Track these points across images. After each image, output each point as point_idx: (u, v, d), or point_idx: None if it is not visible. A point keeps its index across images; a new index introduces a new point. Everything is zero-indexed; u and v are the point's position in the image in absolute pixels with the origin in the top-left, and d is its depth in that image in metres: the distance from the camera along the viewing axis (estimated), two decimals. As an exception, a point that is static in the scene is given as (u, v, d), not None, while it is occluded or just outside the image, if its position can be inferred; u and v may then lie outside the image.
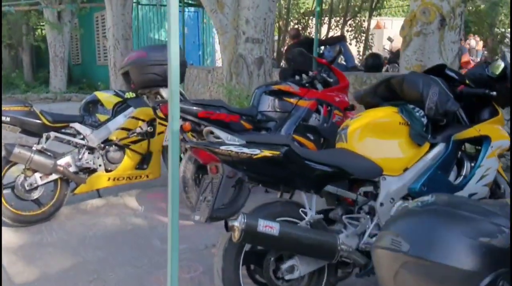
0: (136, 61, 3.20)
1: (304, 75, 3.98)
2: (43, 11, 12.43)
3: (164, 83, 3.30)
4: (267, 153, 1.89)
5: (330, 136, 3.61)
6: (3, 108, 3.54)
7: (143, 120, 4.05)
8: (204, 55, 13.66)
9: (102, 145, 3.90)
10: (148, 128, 4.01)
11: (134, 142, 3.98)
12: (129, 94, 4.13)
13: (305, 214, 2.09)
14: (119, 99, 4.05)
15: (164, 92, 3.28)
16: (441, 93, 2.35)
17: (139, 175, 4.04)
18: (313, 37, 8.66)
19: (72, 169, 3.77)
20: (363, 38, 13.03)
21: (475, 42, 13.44)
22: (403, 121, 2.32)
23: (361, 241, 2.19)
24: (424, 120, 2.36)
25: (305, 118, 3.69)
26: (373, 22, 14.21)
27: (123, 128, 3.95)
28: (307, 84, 3.85)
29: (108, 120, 3.96)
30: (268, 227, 1.89)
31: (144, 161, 4.06)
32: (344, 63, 6.68)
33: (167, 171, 3.98)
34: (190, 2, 11.93)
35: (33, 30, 15.38)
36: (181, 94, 3.59)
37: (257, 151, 1.88)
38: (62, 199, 3.72)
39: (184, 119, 3.36)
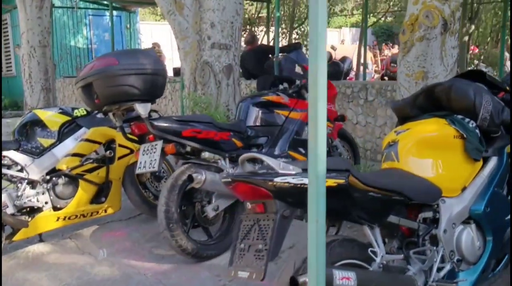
0: (104, 70, 2.49)
1: (285, 84, 3.55)
2: None
3: (140, 96, 2.64)
4: (330, 182, 1.48)
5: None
6: None
7: (98, 143, 3.31)
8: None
9: (48, 177, 3.10)
10: (107, 152, 3.27)
11: (89, 170, 3.22)
12: (79, 112, 3.36)
13: (374, 253, 1.73)
14: (66, 118, 3.27)
15: (140, 107, 2.61)
16: (494, 102, 2.08)
17: (95, 210, 3.27)
18: (266, 44, 8.27)
19: (9, 211, 2.92)
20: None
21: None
22: (457, 135, 2.02)
23: (429, 278, 1.89)
24: (478, 132, 2.07)
25: (298, 132, 3.26)
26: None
27: (74, 154, 3.18)
28: (294, 94, 3.42)
29: (53, 145, 3.17)
30: (345, 278, 1.54)
31: (101, 192, 3.31)
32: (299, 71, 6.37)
33: (129, 202, 3.31)
34: (114, 5, 10.93)
35: None
36: (154, 111, 2.93)
37: None
38: (-3, 249, 2.86)
39: (165, 140, 2.73)
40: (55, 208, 3.10)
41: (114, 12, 12.36)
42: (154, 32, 15.48)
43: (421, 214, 1.93)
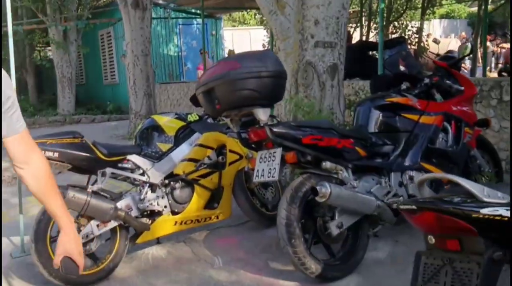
0: (226, 74, 2.48)
1: (407, 84, 3.25)
2: (48, 30, 11.73)
3: (261, 101, 2.59)
4: None
5: (460, 161, 2.91)
6: (50, 141, 2.84)
7: (211, 148, 3.34)
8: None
9: (166, 181, 3.18)
10: (220, 158, 3.29)
11: (203, 176, 3.26)
12: (192, 117, 3.43)
13: None
14: (181, 123, 3.35)
15: (260, 112, 2.56)
16: None
17: (208, 216, 3.30)
18: (365, 40, 7.86)
19: (133, 213, 3.04)
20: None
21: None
22: None
23: None
24: None
25: (432, 139, 2.94)
26: (414, 24, 13.18)
27: (189, 159, 3.23)
28: (421, 95, 3.13)
29: (171, 149, 3.25)
30: None
31: (213, 198, 3.33)
32: (403, 68, 6.01)
33: (237, 209, 3.26)
34: (198, 12, 11.30)
35: (35, 51, 14.64)
36: (272, 116, 2.88)
37: None
38: (122, 251, 2.99)
39: (285, 147, 2.65)
40: (173, 212, 3.17)
41: (200, 20, 12.84)
42: (234, 38, 15.78)
43: None
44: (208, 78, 2.63)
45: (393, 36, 11.25)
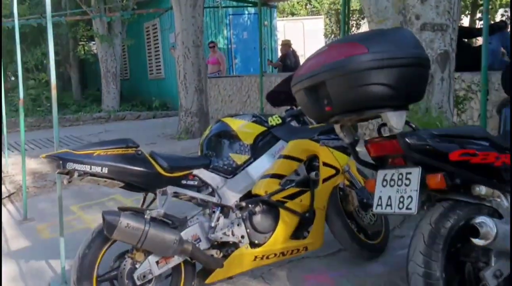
0: (347, 63, 1.69)
1: None
2: (92, 23, 11.33)
3: (393, 101, 1.79)
4: None
5: None
6: (97, 153, 2.17)
7: (299, 161, 2.57)
8: (265, 61, 12.20)
9: (243, 204, 2.44)
10: (313, 174, 2.51)
11: (291, 196, 2.50)
12: (273, 120, 2.66)
13: None
14: (261, 128, 2.60)
15: (393, 117, 1.76)
16: None
17: (296, 247, 2.54)
18: (463, 25, 6.93)
19: (202, 245, 2.33)
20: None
21: None
22: None
23: None
24: None
25: None
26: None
27: (273, 175, 2.48)
28: None
29: (247, 162, 2.52)
30: None
31: (303, 224, 2.57)
32: (507, 59, 5.04)
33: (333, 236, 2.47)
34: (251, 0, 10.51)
35: (79, 45, 14.39)
36: (407, 123, 2.04)
37: None
38: (188, 295, 2.29)
39: (425, 166, 1.84)
40: (252, 244, 2.43)
41: (252, 10, 12.04)
42: (286, 29, 14.89)
43: None
44: (314, 68, 1.85)
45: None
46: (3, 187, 5.57)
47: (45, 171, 5.93)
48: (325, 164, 2.58)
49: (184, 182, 2.40)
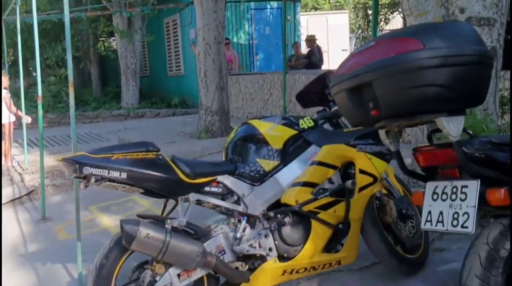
0: (400, 61, 1.47)
1: None
2: (113, 18, 11.26)
3: (450, 105, 1.55)
4: None
5: None
6: (115, 157, 2.00)
7: (334, 168, 2.36)
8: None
9: (271, 214, 2.24)
10: (349, 182, 2.29)
11: (324, 207, 2.29)
12: (305, 122, 2.45)
13: None
14: (292, 131, 2.39)
15: (450, 124, 1.53)
16: None
17: (328, 261, 2.33)
18: None
19: (227, 257, 2.15)
20: None
21: None
22: None
23: None
24: None
25: None
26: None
27: (305, 183, 2.27)
28: None
29: (276, 168, 2.31)
30: None
31: (336, 237, 2.36)
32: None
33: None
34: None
35: (99, 41, 14.39)
36: (464, 130, 1.80)
37: None
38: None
39: (485, 178, 1.61)
40: (280, 257, 2.24)
41: (274, 4, 11.78)
42: (309, 24, 14.58)
43: None
44: (359, 67, 1.63)
45: None
46: (21, 184, 5.51)
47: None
48: (362, 171, 2.36)
49: (207, 188, 2.22)
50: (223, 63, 6.99)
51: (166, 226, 2.04)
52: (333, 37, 14.22)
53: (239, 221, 2.22)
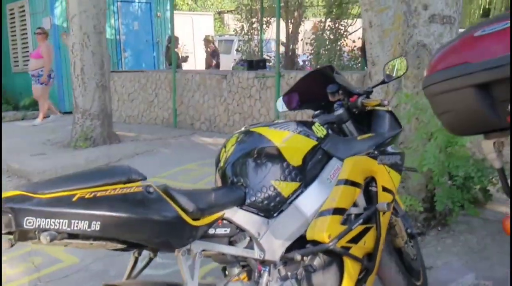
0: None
1: None
2: None
3: None
4: None
5: None
6: (79, 195, 1.17)
7: (359, 186, 1.85)
8: (159, 56, 11.05)
9: (298, 256, 1.63)
10: (384, 205, 1.81)
11: (356, 239, 1.77)
12: (318, 130, 1.88)
13: None
14: (311, 142, 1.79)
15: None
16: None
17: (356, 308, 1.81)
18: None
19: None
20: None
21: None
22: None
23: None
24: None
25: None
26: None
27: (335, 211, 1.71)
28: None
29: (297, 192, 1.71)
30: None
31: (363, 275, 1.86)
32: None
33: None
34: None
35: None
36: None
37: None
38: None
39: None
40: (310, 313, 1.64)
41: (144, -1, 10.80)
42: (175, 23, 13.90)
43: None
44: (488, 57, 1.16)
45: None
46: None
47: None
48: (384, 189, 1.91)
49: (212, 231, 1.50)
50: (105, 57, 5.90)
51: None
52: (199, 39, 13.86)
53: (260, 274, 1.56)
